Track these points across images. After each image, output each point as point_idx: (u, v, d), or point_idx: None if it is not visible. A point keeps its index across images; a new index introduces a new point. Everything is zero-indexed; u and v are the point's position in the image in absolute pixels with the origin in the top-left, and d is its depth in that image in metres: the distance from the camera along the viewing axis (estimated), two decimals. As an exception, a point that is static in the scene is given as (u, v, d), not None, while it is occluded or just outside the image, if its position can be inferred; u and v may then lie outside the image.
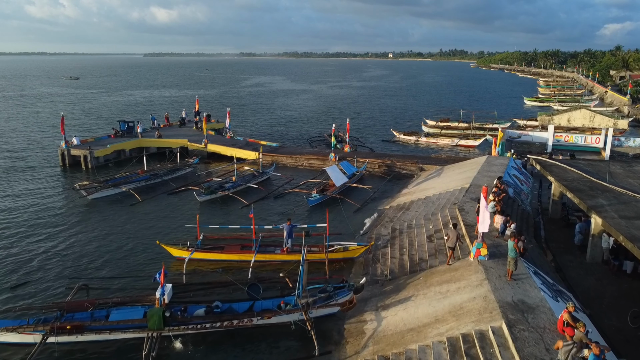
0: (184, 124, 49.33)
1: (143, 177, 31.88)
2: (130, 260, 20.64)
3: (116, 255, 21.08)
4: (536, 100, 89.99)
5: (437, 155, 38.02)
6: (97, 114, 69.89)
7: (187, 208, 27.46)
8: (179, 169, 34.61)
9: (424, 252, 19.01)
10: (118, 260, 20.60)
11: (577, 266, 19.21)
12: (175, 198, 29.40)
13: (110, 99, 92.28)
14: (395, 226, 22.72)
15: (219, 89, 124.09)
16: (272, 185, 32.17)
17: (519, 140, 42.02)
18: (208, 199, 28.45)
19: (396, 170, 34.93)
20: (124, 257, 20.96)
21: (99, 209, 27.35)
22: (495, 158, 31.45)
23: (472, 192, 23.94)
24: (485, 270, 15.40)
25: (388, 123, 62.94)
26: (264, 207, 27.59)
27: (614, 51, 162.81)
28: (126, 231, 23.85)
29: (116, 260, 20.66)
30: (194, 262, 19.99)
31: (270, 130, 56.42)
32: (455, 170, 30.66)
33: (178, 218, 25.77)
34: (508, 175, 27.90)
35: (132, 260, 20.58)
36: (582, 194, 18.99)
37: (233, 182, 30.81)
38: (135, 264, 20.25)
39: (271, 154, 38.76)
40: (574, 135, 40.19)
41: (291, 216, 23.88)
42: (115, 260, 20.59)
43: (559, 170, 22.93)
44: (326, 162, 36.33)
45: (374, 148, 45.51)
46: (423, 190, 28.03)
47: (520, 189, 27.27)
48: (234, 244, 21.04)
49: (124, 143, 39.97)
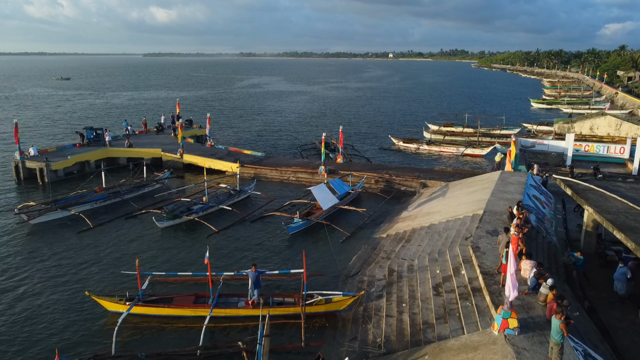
0: (162, 130, 44.86)
1: (100, 197, 27.42)
2: (44, 320, 15.95)
3: (30, 312, 16.27)
4: (543, 103, 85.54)
5: (442, 169, 33.52)
6: (76, 117, 65.28)
7: (145, 237, 22.98)
8: (146, 186, 30.13)
9: (429, 312, 14.53)
10: (27, 322, 15.73)
11: (629, 329, 14.71)
12: (134, 223, 24.91)
13: (94, 101, 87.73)
14: (393, 266, 18.24)
15: (211, 90, 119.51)
16: (249, 207, 27.69)
17: (532, 150, 37.49)
18: (170, 225, 24.01)
19: (395, 187, 30.44)
20: (37, 315, 16.19)
21: (38, 238, 22.89)
22: (510, 174, 26.92)
23: (488, 222, 19.44)
24: (517, 354, 10.95)
25: (387, 127, 58.51)
26: (235, 236, 23.10)
27: (619, 51, 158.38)
28: (59, 272, 19.27)
29: (24, 321, 15.73)
30: (133, 320, 15.54)
31: (258, 136, 51.89)
32: (463, 189, 26.17)
33: (132, 251, 21.30)
34: (527, 196, 23.40)
35: (47, 320, 15.93)
36: (637, 235, 14.54)
37: (203, 203, 26.35)
38: (49, 328, 15.55)
39: (254, 165, 34.30)
40: (595, 144, 35.70)
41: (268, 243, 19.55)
42: (20, 323, 15.61)
43: (597, 198, 18.45)
44: (315, 177, 31.91)
45: (371, 158, 41.04)
46: (426, 214, 23.54)
47: (543, 214, 22.76)
48: (186, 295, 16.58)
49: (89, 153, 35.48)
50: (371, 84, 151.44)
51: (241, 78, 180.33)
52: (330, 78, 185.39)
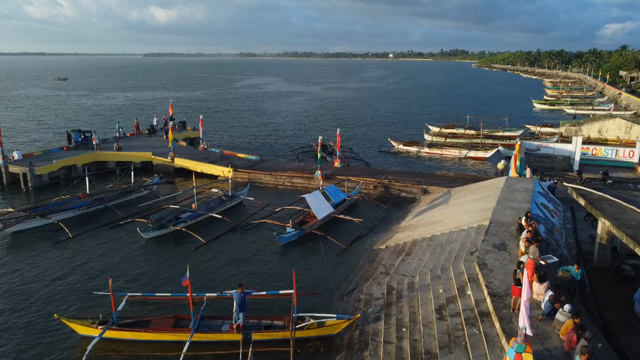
0: (154, 132, 43.41)
1: (83, 203, 25.97)
2: (6, 343, 14.47)
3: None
4: (546, 103, 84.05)
5: (443, 173, 32.08)
6: (66, 119, 63.72)
7: (128, 249, 21.52)
8: (133, 192, 28.67)
9: (432, 339, 13.09)
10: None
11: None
12: (117, 233, 23.44)
13: (88, 102, 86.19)
14: (392, 283, 16.81)
15: (208, 90, 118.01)
16: (241, 214, 26.26)
17: (537, 154, 36.10)
18: (156, 236, 22.57)
19: (394, 193, 29.01)
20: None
21: (12, 249, 21.45)
22: (516, 180, 25.45)
23: (495, 235, 18.00)
24: (534, 397, 9.53)
25: (386, 129, 57.06)
26: (223, 247, 21.64)
27: (621, 51, 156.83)
28: (29, 288, 17.80)
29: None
30: (106, 345, 14.11)
31: (254, 138, 50.41)
32: (467, 197, 24.73)
33: (113, 265, 19.86)
34: (536, 205, 21.96)
35: (10, 344, 14.47)
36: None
37: (193, 211, 24.89)
38: (10, 352, 14.04)
39: (248, 170, 32.87)
40: (603, 148, 34.31)
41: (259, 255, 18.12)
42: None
43: (613, 209, 17.01)
44: (311, 182, 30.50)
45: (369, 161, 39.61)
46: (428, 224, 22.11)
47: (552, 224, 21.31)
48: (165, 317, 15.13)
49: (75, 157, 34.01)
50: (370, 84, 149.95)
51: (240, 78, 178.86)
52: (329, 78, 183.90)
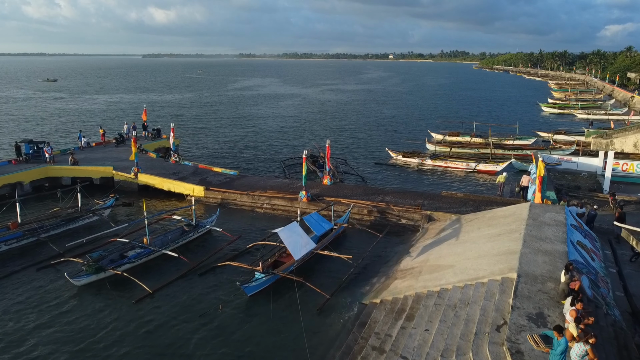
0: (122, 141, 38.70)
1: (12, 236, 21.24)
2: None
3: None
4: (554, 107, 79.31)
5: (450, 193, 27.33)
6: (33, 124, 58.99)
7: (51, 303, 16.74)
8: (77, 219, 23.89)
9: None
10: None
11: None
12: (45, 277, 18.65)
13: (70, 105, 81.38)
14: (387, 370, 12.09)
15: (198, 93, 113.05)
16: (205, 249, 21.52)
17: (558, 169, 31.39)
18: (90, 282, 17.85)
19: (392, 220, 24.30)
20: None
21: None
22: (543, 209, 20.61)
23: (527, 297, 13.25)
24: None
25: (385, 136, 52.37)
26: (172, 301, 16.82)
27: (626, 52, 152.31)
28: None
29: None
30: None
31: (237, 148, 45.55)
32: (482, 230, 19.98)
33: (23, 331, 15.13)
34: (572, 245, 17.22)
35: None
36: None
37: (144, 246, 20.15)
38: None
39: (221, 189, 28.20)
40: (636, 163, 29.62)
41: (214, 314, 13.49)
42: None
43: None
44: (294, 204, 25.81)
45: (365, 176, 34.88)
46: (434, 269, 17.37)
47: (595, 271, 16.57)
48: None
49: (23, 173, 29.29)
50: (369, 86, 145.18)
51: (235, 80, 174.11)
52: (327, 80, 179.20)
